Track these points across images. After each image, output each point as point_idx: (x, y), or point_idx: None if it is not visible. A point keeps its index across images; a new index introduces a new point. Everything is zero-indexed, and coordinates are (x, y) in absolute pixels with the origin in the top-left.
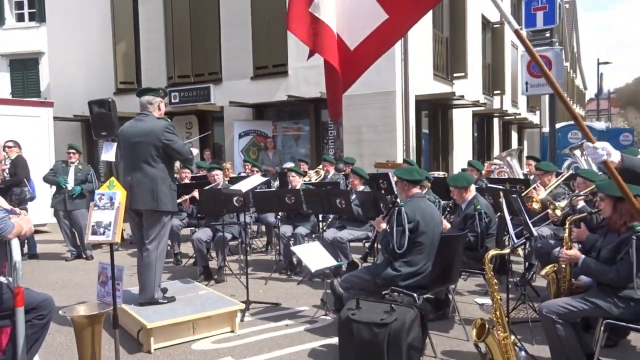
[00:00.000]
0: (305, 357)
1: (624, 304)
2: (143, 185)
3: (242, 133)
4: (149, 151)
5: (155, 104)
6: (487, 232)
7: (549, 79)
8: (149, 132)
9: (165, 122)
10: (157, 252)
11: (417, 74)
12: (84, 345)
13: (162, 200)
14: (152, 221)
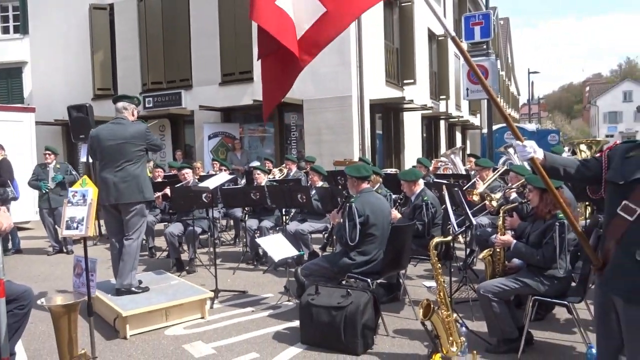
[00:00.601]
0: (270, 339)
1: (549, 282)
2: (129, 181)
3: (211, 135)
4: (134, 151)
5: (130, 109)
6: (434, 222)
7: (482, 82)
8: (134, 135)
9: (144, 124)
10: (138, 242)
11: (371, 80)
12: (61, 332)
13: (146, 190)
14: (135, 213)
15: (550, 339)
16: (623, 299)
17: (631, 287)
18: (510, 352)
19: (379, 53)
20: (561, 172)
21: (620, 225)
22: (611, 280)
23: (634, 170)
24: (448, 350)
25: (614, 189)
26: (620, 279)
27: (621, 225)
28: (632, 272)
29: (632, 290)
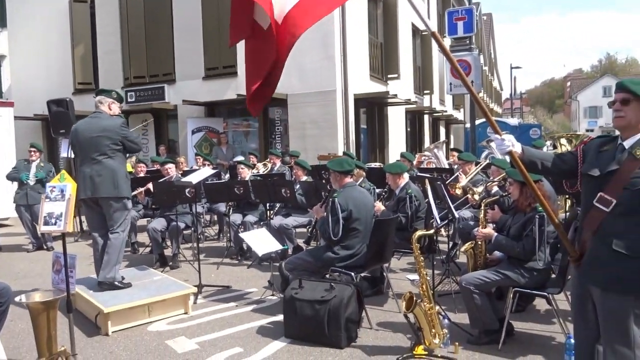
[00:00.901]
0: (254, 333)
1: (529, 274)
2: (104, 175)
3: (194, 129)
4: (107, 145)
5: (106, 103)
6: (417, 215)
7: (462, 77)
8: (107, 128)
9: (120, 119)
10: (124, 235)
11: (355, 75)
12: (40, 330)
13: (121, 187)
14: (117, 208)
15: (530, 329)
16: (600, 289)
17: (608, 277)
18: (491, 343)
19: (363, 48)
20: (539, 166)
21: (597, 217)
22: (588, 271)
23: (608, 163)
24: (430, 342)
25: (590, 181)
26: (598, 269)
27: (597, 216)
28: (608, 262)
29: (609, 280)
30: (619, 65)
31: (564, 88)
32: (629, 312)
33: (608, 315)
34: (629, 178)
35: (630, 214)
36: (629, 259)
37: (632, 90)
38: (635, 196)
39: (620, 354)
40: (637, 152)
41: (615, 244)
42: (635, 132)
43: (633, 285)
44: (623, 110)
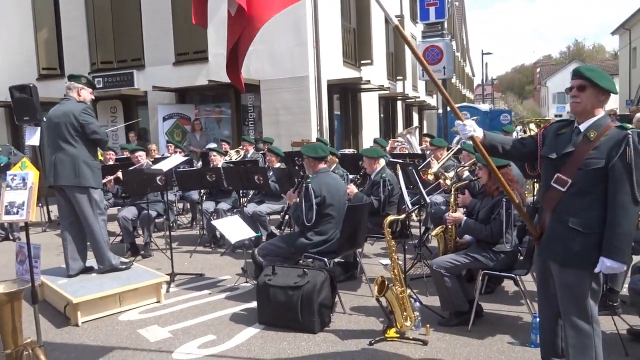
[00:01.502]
0: (227, 321)
1: (497, 257)
2: (65, 163)
3: (166, 116)
4: (68, 131)
5: (74, 89)
6: (389, 200)
7: (422, 64)
8: (67, 113)
9: (83, 105)
10: (98, 224)
11: (328, 60)
12: (4, 322)
13: (84, 176)
14: (81, 197)
15: (499, 310)
16: (558, 264)
17: (565, 252)
18: (461, 324)
19: (335, 33)
20: (499, 149)
21: (554, 197)
22: (548, 247)
23: (565, 145)
24: (402, 324)
25: (548, 163)
26: (556, 246)
27: (554, 196)
28: (565, 239)
29: (566, 255)
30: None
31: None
32: (586, 287)
33: (566, 290)
34: (583, 159)
35: (584, 193)
36: (583, 235)
37: (587, 77)
38: (588, 176)
39: (579, 328)
40: (591, 135)
41: (571, 221)
42: (590, 116)
43: (588, 260)
44: (579, 97)
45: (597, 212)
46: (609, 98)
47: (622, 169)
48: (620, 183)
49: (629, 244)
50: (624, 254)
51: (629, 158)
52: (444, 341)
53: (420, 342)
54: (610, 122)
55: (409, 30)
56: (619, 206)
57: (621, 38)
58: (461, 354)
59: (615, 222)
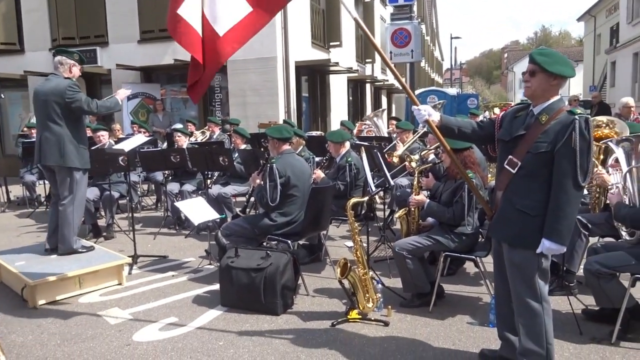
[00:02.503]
0: (190, 303)
1: (458, 239)
2: (50, 142)
3: (130, 95)
4: (54, 109)
5: (67, 65)
6: (355, 183)
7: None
8: (52, 91)
9: (69, 81)
10: (72, 207)
11: (297, 41)
12: None
13: (69, 157)
14: (63, 177)
15: (459, 291)
16: (507, 244)
17: (513, 233)
18: (423, 305)
19: (304, 14)
20: (456, 132)
21: (505, 178)
22: (497, 228)
23: (518, 128)
24: (364, 306)
25: (503, 145)
26: (505, 226)
27: (506, 178)
28: (513, 220)
29: (514, 236)
30: (553, 37)
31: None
32: (534, 267)
33: (515, 269)
34: (532, 142)
35: (532, 176)
36: (530, 217)
37: (537, 62)
38: (536, 159)
39: (529, 307)
40: (542, 118)
41: (519, 203)
42: (544, 100)
43: (535, 241)
44: (530, 81)
45: (543, 195)
46: (563, 82)
47: (567, 154)
48: (564, 167)
49: (569, 228)
50: (564, 236)
51: (574, 143)
52: (405, 322)
53: (382, 323)
54: (563, 106)
55: (378, 12)
56: (562, 190)
57: (586, 25)
58: (421, 334)
59: (558, 205)
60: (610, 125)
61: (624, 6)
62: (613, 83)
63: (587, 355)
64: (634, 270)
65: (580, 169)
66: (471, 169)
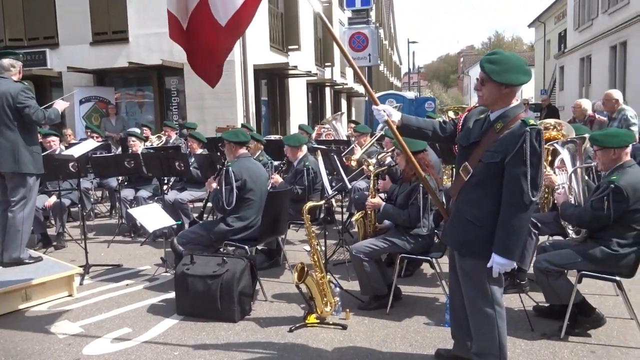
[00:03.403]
0: (144, 312)
1: (414, 240)
2: (3, 147)
3: (82, 99)
4: (6, 114)
5: (18, 67)
6: (314, 187)
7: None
8: (5, 94)
9: (22, 85)
10: (23, 213)
11: (255, 45)
12: None
13: (23, 162)
14: (16, 183)
15: (416, 292)
16: (457, 252)
17: (461, 241)
18: (380, 307)
19: (262, 17)
20: (417, 133)
21: (459, 184)
22: (448, 235)
23: (475, 133)
24: (322, 310)
25: (461, 150)
26: (455, 234)
27: (459, 184)
28: (461, 228)
29: (462, 244)
30: (506, 43)
31: (457, 63)
32: (483, 274)
33: (465, 276)
34: (484, 151)
35: (482, 185)
36: (477, 227)
37: (486, 71)
38: (487, 169)
39: (481, 311)
40: (497, 126)
41: (467, 212)
42: (501, 107)
43: (482, 250)
44: (481, 90)
45: (491, 205)
46: (517, 88)
47: (516, 167)
48: (513, 181)
49: (518, 243)
50: (513, 252)
51: (525, 155)
52: (363, 325)
53: (340, 327)
54: (520, 113)
55: (337, 16)
56: (511, 205)
57: (537, 31)
58: (379, 336)
59: (507, 220)
60: (557, 127)
61: (571, 13)
62: (562, 87)
63: (537, 350)
64: (580, 267)
65: (532, 183)
66: (426, 171)
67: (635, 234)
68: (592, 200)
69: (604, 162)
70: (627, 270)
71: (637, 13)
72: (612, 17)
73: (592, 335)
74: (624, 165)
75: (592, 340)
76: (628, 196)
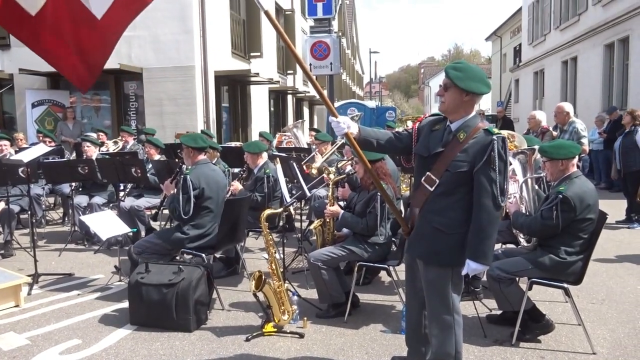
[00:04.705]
0: (96, 323)
1: (372, 248)
2: None
3: (35, 102)
4: None
5: None
6: (273, 194)
7: (295, 57)
8: None
9: None
10: None
11: (216, 51)
12: None
13: None
14: None
15: (374, 300)
16: (423, 261)
17: (428, 251)
18: (338, 315)
19: (224, 23)
20: (374, 144)
21: (423, 195)
22: (414, 245)
23: (436, 144)
24: (280, 318)
25: (420, 160)
26: (420, 243)
27: (423, 194)
28: (429, 237)
29: (429, 253)
30: (465, 55)
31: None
32: (447, 282)
33: (429, 285)
34: (450, 161)
35: (449, 194)
36: (446, 235)
37: (450, 76)
38: (454, 178)
39: (441, 319)
40: (460, 136)
41: (435, 221)
42: (459, 116)
43: (449, 259)
44: (444, 96)
45: (459, 213)
46: (476, 98)
47: (486, 174)
48: (484, 188)
49: (491, 247)
50: (488, 256)
51: (493, 163)
52: (321, 333)
53: (297, 335)
54: (480, 123)
55: (299, 24)
56: (483, 211)
57: (493, 44)
58: (336, 345)
59: (479, 226)
60: (510, 138)
61: (525, 29)
62: (517, 99)
63: (490, 357)
64: (531, 274)
65: (500, 190)
66: (383, 179)
67: (582, 242)
68: (542, 210)
69: (552, 172)
70: (574, 278)
71: (586, 29)
72: (564, 33)
73: (542, 341)
74: (571, 176)
75: (541, 346)
76: (575, 206)
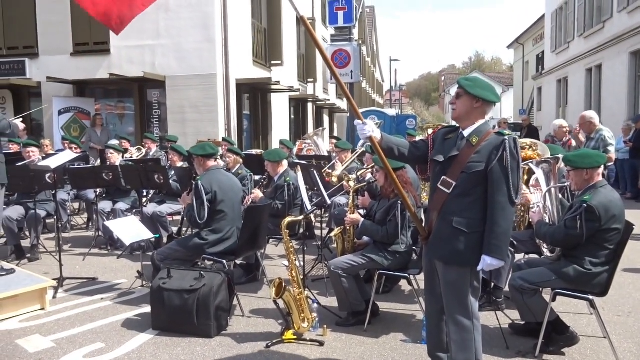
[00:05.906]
0: (119, 327)
1: (392, 257)
2: None
3: (62, 110)
4: None
5: None
6: (294, 202)
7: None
8: None
9: None
10: None
11: (238, 59)
12: None
13: None
14: None
15: (394, 309)
16: (443, 262)
17: (449, 251)
18: (358, 324)
19: (246, 32)
20: (395, 152)
21: (440, 198)
22: (434, 247)
23: (450, 149)
24: (300, 326)
25: (436, 166)
26: (441, 245)
27: (441, 197)
28: (449, 238)
29: (450, 253)
30: (486, 63)
31: (439, 82)
32: (467, 284)
33: (449, 287)
34: (466, 162)
35: (467, 195)
36: (466, 235)
37: (461, 85)
38: (470, 178)
39: (461, 324)
40: (473, 140)
41: (455, 221)
42: (470, 123)
43: (469, 258)
44: (456, 104)
45: (478, 212)
46: (487, 106)
47: (500, 172)
48: (498, 185)
49: (506, 242)
50: (502, 251)
51: (505, 162)
52: (340, 341)
53: (317, 343)
54: (490, 129)
55: (320, 33)
56: (497, 207)
57: (516, 52)
58: (356, 353)
59: (494, 221)
60: (533, 147)
61: (549, 36)
62: (540, 107)
63: None
64: (555, 285)
65: (513, 187)
66: (404, 188)
67: (607, 253)
68: (566, 220)
69: (577, 182)
70: (599, 289)
71: (611, 37)
72: (588, 41)
73: (566, 354)
74: (596, 185)
75: (566, 359)
76: (600, 216)
